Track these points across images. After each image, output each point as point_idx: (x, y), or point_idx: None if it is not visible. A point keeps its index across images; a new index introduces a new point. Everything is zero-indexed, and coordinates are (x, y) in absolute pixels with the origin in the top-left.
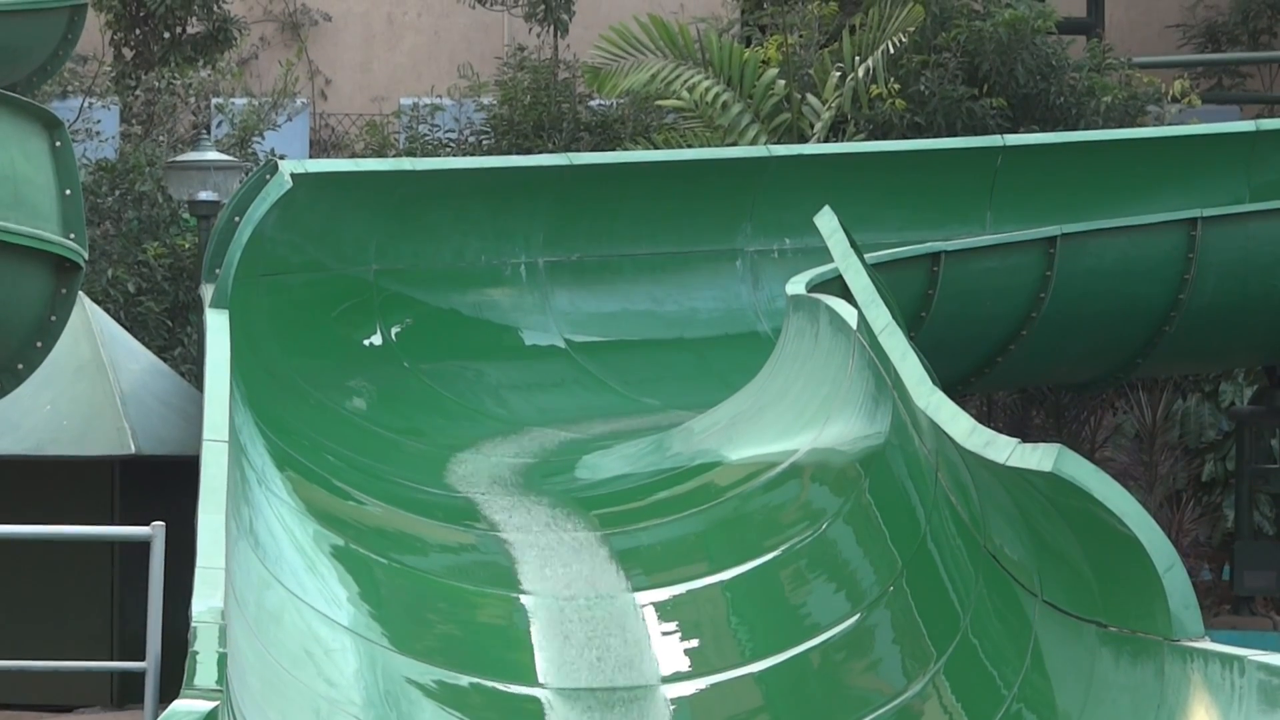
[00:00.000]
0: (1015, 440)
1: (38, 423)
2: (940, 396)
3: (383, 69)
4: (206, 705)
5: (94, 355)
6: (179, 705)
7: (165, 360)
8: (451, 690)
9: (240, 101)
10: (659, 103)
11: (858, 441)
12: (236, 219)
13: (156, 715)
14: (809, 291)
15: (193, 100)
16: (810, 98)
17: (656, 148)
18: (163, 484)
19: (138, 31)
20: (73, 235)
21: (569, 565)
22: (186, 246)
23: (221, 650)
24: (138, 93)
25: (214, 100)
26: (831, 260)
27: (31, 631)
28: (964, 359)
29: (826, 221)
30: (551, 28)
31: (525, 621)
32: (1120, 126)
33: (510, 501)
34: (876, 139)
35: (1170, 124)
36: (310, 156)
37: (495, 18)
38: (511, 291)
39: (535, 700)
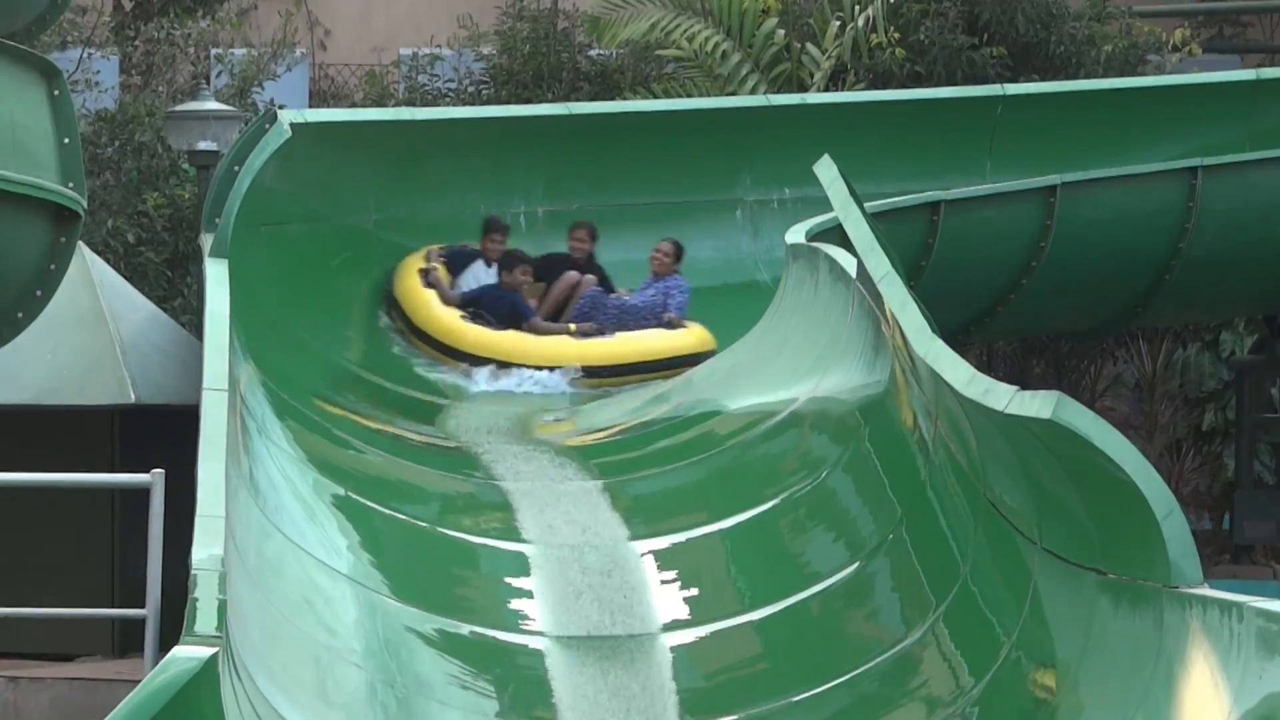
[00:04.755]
0: (1014, 388)
1: (38, 372)
2: (940, 345)
3: (382, 19)
4: (206, 651)
5: (94, 305)
6: (179, 652)
7: (165, 311)
8: (451, 639)
9: (239, 52)
10: (658, 52)
11: (857, 390)
12: (236, 169)
13: (157, 662)
14: (809, 241)
15: (192, 51)
16: (810, 47)
17: (656, 98)
18: (163, 433)
19: None
20: (71, 184)
21: (569, 514)
22: (186, 197)
23: (221, 597)
24: (137, 43)
25: (213, 50)
26: (831, 210)
27: (32, 581)
28: (964, 308)
29: (826, 170)
30: None
31: (525, 570)
32: (1121, 75)
33: (510, 451)
34: (876, 88)
35: (1171, 73)
36: (310, 107)
37: None
38: (512, 242)
39: (535, 649)
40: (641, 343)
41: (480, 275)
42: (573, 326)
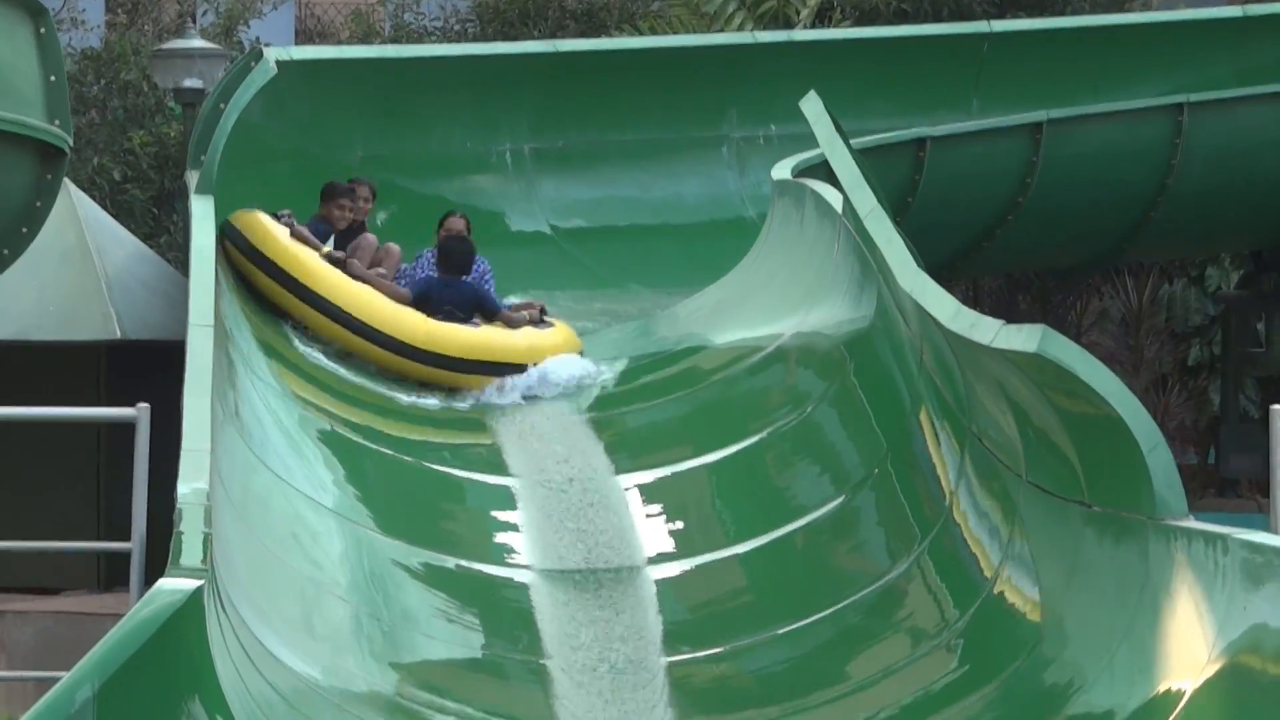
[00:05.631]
0: (1000, 322)
1: (24, 308)
2: (925, 279)
3: None
4: (191, 584)
5: (79, 241)
6: (164, 584)
7: (151, 248)
8: (437, 572)
9: None
10: None
11: (843, 325)
12: (221, 106)
13: (142, 596)
14: (795, 177)
15: None
16: None
17: (642, 35)
18: (149, 369)
19: None
20: (57, 122)
21: (554, 448)
22: (172, 135)
23: (206, 530)
24: None
25: None
26: (817, 146)
27: (18, 515)
28: (950, 244)
29: (812, 106)
30: None
31: (510, 504)
32: (1107, 12)
33: (496, 385)
34: (862, 25)
35: (1157, 10)
36: (295, 45)
37: None
38: (497, 178)
39: (521, 582)
40: (565, 334)
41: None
42: (528, 314)
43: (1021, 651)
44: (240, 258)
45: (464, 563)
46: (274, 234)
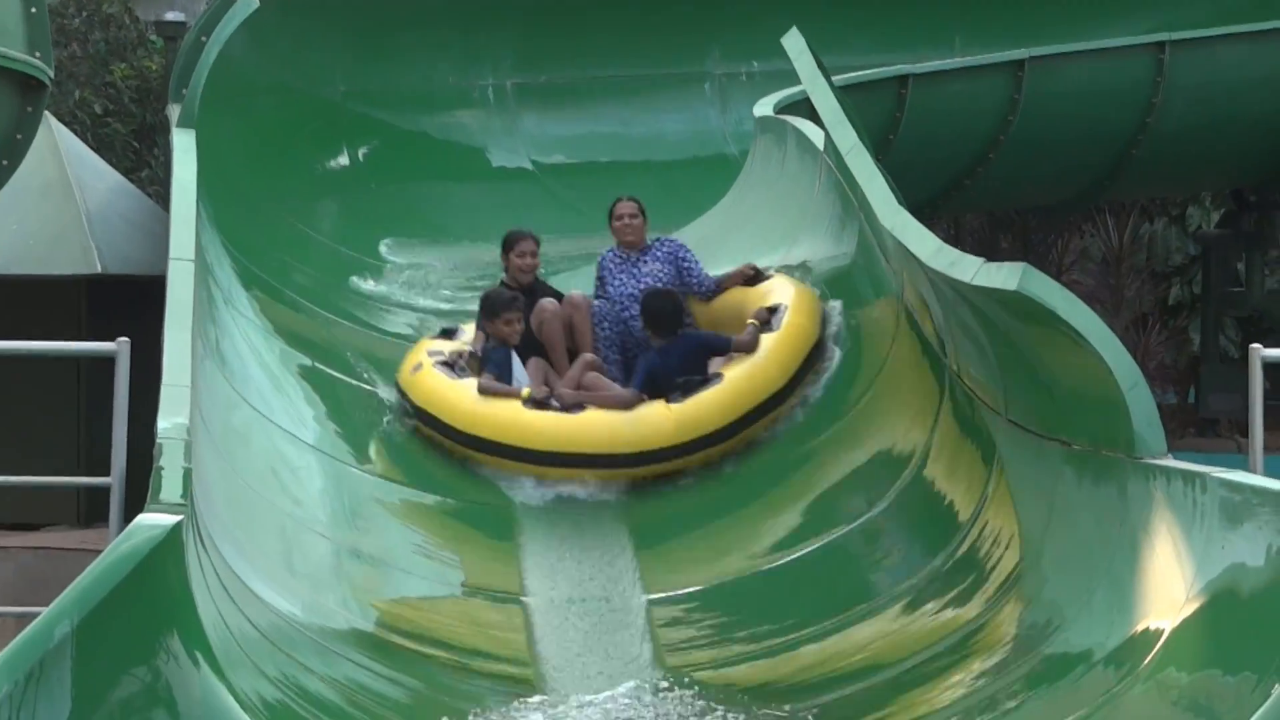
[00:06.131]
0: (981, 259)
1: (3, 243)
2: (906, 217)
3: None
4: (170, 519)
5: (60, 175)
6: (143, 519)
7: (133, 183)
8: (417, 509)
9: None
10: None
11: (824, 262)
12: (204, 39)
13: (121, 531)
14: (777, 114)
15: None
16: None
17: None
18: (130, 304)
19: None
20: (38, 54)
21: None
22: (153, 68)
23: (186, 466)
24: None
25: None
26: (799, 83)
27: None
28: (932, 181)
29: (794, 43)
30: None
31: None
32: None
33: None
34: None
35: None
36: None
37: None
38: (479, 114)
39: (502, 518)
40: (806, 303)
41: (519, 373)
42: (754, 322)
43: (1000, 591)
44: (440, 437)
45: (443, 498)
46: (464, 404)
